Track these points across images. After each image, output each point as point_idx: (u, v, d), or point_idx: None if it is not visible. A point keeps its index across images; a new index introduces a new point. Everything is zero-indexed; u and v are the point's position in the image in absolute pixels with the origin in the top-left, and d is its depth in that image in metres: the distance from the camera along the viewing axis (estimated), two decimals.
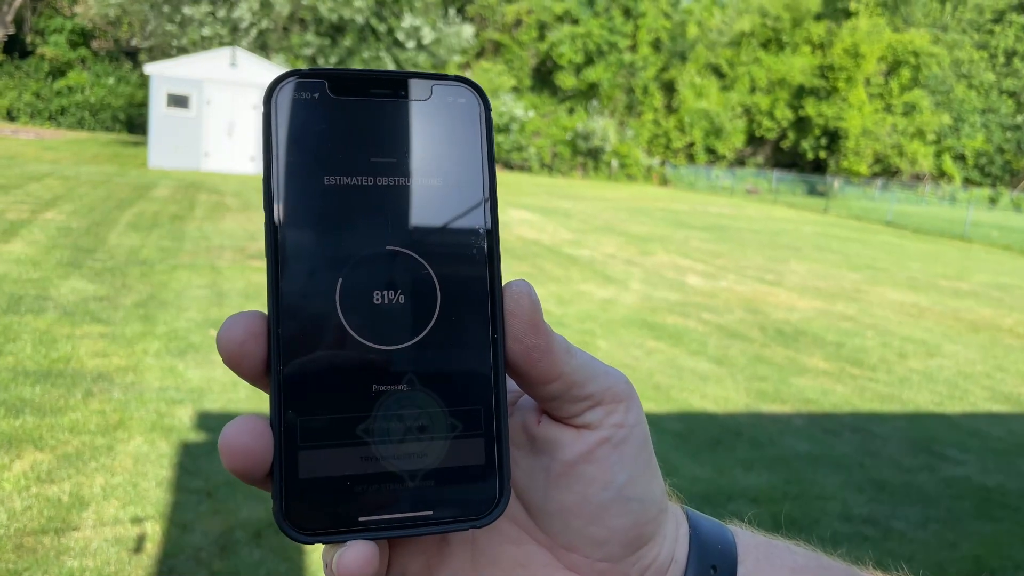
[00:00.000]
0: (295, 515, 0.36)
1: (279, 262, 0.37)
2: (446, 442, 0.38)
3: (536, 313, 0.39)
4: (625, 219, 17.03)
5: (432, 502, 0.38)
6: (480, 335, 0.39)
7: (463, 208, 0.40)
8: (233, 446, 0.35)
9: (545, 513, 0.42)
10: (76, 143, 24.13)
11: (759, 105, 43.05)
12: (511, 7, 38.81)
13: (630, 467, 0.42)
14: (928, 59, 44.51)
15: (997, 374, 6.59)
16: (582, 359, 0.41)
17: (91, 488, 3.24)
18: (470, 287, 0.39)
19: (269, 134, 0.37)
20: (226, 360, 0.37)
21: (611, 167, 36.92)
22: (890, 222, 23.85)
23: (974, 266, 14.60)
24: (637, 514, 0.42)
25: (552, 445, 0.42)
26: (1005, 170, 49.69)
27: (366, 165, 0.38)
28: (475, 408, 0.39)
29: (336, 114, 0.38)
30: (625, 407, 0.42)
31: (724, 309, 8.09)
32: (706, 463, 4.14)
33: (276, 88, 0.38)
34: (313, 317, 0.37)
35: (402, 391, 0.38)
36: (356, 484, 0.37)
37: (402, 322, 0.38)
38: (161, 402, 4.18)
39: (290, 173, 0.37)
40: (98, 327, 5.37)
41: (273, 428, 0.36)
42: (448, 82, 0.41)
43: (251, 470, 0.36)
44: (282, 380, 0.36)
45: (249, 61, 20.61)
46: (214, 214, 11.50)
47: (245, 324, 0.37)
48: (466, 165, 0.40)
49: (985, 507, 3.97)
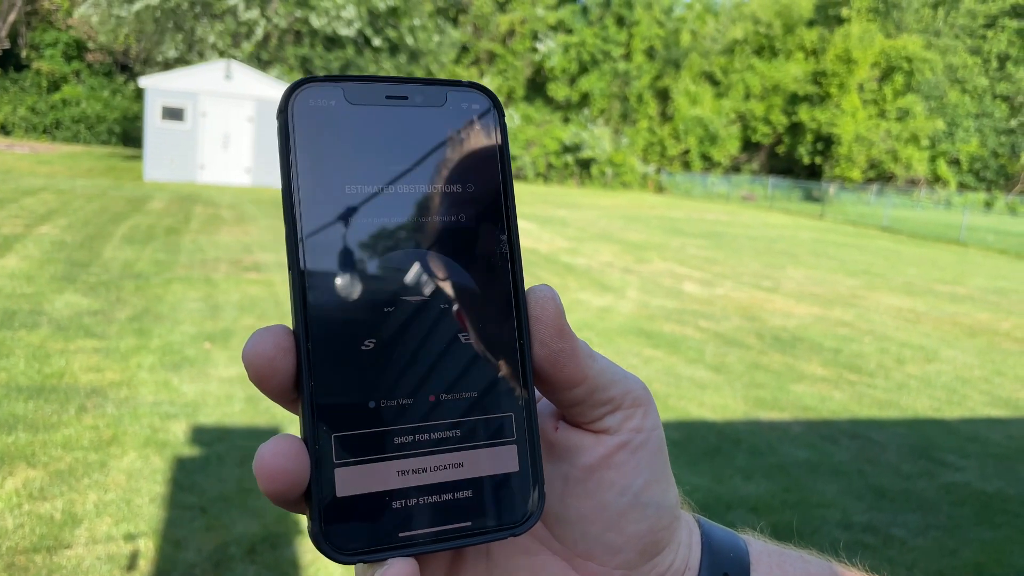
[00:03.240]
0: (335, 535, 0.35)
1: (304, 274, 0.36)
2: (480, 451, 0.38)
3: (561, 317, 0.40)
4: (621, 227, 17.04)
5: (469, 512, 0.38)
6: (507, 341, 0.39)
7: (483, 214, 0.40)
8: (272, 469, 0.34)
9: (562, 521, 0.42)
10: (71, 157, 24.12)
11: (753, 112, 43.22)
12: (504, 17, 38.94)
13: (647, 472, 0.42)
14: (921, 64, 44.71)
15: (995, 378, 6.57)
16: (603, 364, 0.41)
17: (84, 505, 3.21)
18: (495, 293, 0.39)
19: (287, 143, 0.37)
20: (254, 376, 0.36)
21: (605, 176, 37.00)
22: (886, 227, 23.89)
23: (970, 270, 14.62)
24: (653, 520, 0.42)
25: (571, 451, 0.42)
26: (1000, 174, 49.85)
27: (386, 172, 0.38)
28: (507, 415, 0.39)
29: (354, 121, 0.38)
30: (643, 412, 0.42)
31: (721, 316, 8.07)
32: (704, 472, 4.12)
33: (292, 95, 0.38)
34: (342, 329, 0.36)
35: (434, 401, 0.38)
36: (394, 499, 0.36)
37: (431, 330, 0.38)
38: (155, 417, 4.15)
39: (311, 183, 0.37)
40: (92, 342, 5.34)
41: (308, 446, 0.35)
42: (462, 88, 0.41)
43: (289, 491, 0.35)
44: (314, 396, 0.36)
45: (244, 73, 20.63)
46: (209, 227, 11.48)
47: (274, 339, 0.36)
48: (484, 170, 0.40)
49: (985, 513, 3.95)
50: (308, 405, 0.36)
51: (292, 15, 28.96)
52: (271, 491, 0.35)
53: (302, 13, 28.81)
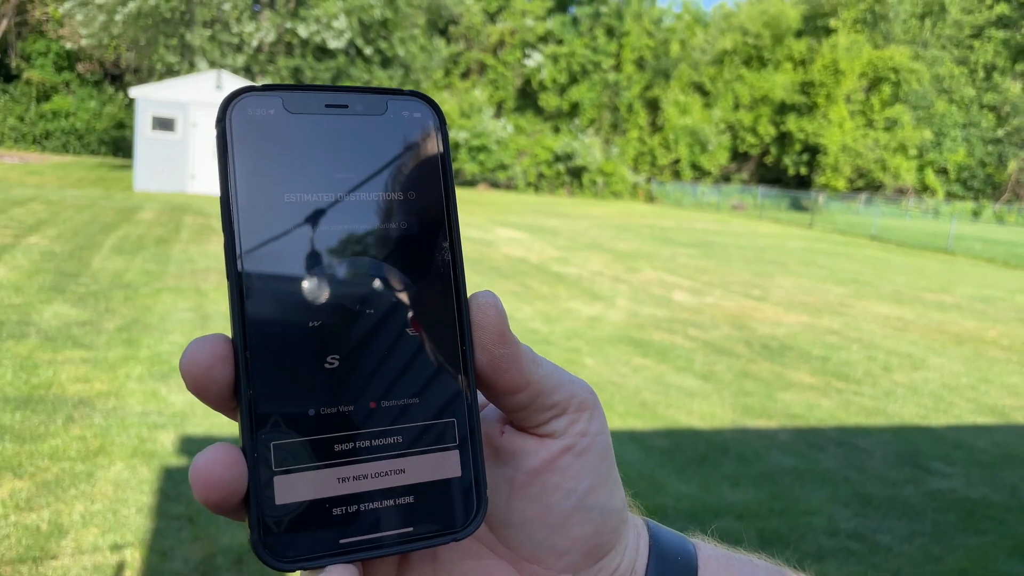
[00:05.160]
0: (274, 543, 0.35)
1: (242, 283, 0.36)
2: (422, 456, 0.38)
3: (503, 323, 0.39)
4: (612, 236, 17.08)
5: (411, 518, 0.37)
6: (449, 347, 0.39)
7: (425, 221, 0.39)
8: (207, 478, 0.34)
9: (507, 525, 0.42)
10: (61, 167, 24.05)
11: (742, 121, 43.45)
12: (495, 28, 39.08)
13: (592, 475, 0.42)
14: (908, 75, 45.06)
15: (981, 386, 6.62)
16: (548, 368, 0.41)
17: (70, 516, 3.20)
18: (437, 299, 0.39)
19: (225, 153, 0.37)
20: (191, 386, 0.36)
21: (596, 186, 37.11)
22: (875, 236, 24.01)
23: (958, 279, 14.71)
24: (598, 523, 0.42)
25: (516, 455, 0.42)
26: (987, 183, 50.19)
27: (326, 181, 0.38)
28: (449, 420, 0.39)
29: (293, 130, 0.38)
30: (589, 416, 0.42)
31: (710, 325, 8.10)
32: (692, 480, 4.13)
33: (230, 105, 0.37)
34: (280, 337, 0.36)
35: (375, 407, 0.37)
36: (334, 506, 0.36)
37: (372, 337, 0.38)
38: (143, 427, 4.15)
39: (249, 192, 0.37)
40: (80, 352, 5.33)
41: (246, 454, 0.35)
42: (402, 96, 0.41)
43: (226, 500, 0.34)
44: (252, 404, 0.35)
45: (235, 84, 20.63)
46: (200, 236, 11.46)
47: (212, 347, 0.35)
48: (425, 178, 0.40)
49: (971, 520, 3.97)
50: (246, 413, 0.35)
51: (282, 25, 29.00)
52: (207, 500, 0.34)
53: (291, 24, 28.86)
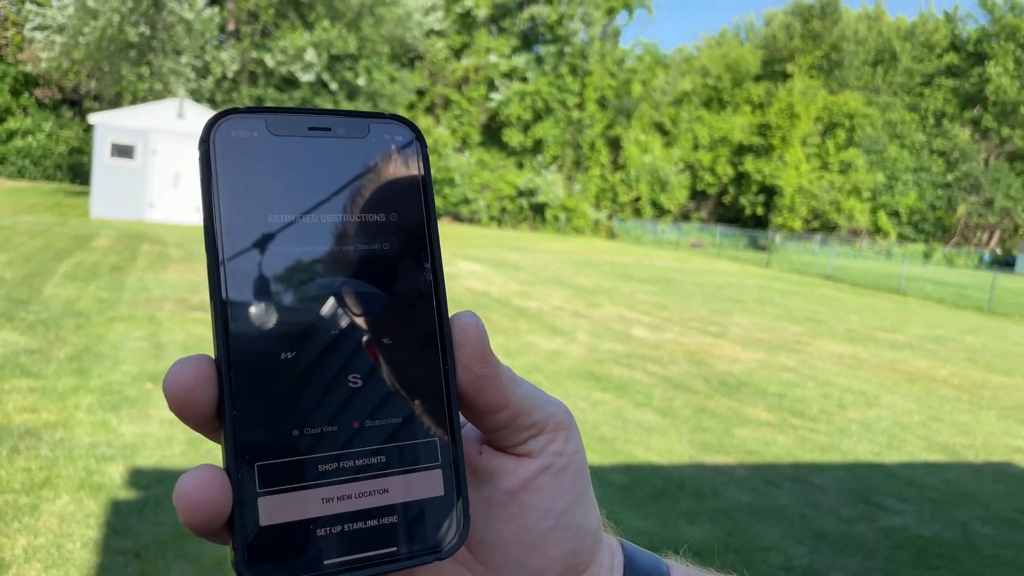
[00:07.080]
0: (258, 565, 0.35)
1: (226, 304, 0.36)
2: (405, 476, 0.38)
3: (484, 343, 0.40)
4: (573, 271, 17.19)
5: (394, 537, 0.37)
6: (431, 367, 0.39)
7: (407, 243, 0.40)
8: (193, 500, 0.34)
9: (485, 545, 0.42)
10: (15, 192, 23.56)
11: (701, 161, 44.29)
12: (460, 64, 39.44)
13: (569, 495, 0.42)
14: (862, 120, 46.47)
15: (933, 424, 6.74)
16: (527, 388, 0.42)
17: (12, 550, 3.09)
18: (419, 320, 0.39)
19: (209, 173, 0.37)
20: (174, 407, 0.35)
21: (558, 221, 37.39)
22: (829, 276, 24.49)
23: (909, 319, 15.04)
24: (575, 543, 0.42)
25: (494, 475, 0.42)
26: (937, 226, 51.68)
27: (309, 203, 0.38)
28: (431, 440, 0.39)
29: (277, 152, 0.38)
30: (566, 435, 0.43)
31: (669, 361, 8.17)
32: (650, 516, 4.13)
33: (214, 126, 0.38)
34: (264, 358, 0.36)
35: (358, 428, 0.37)
36: (318, 527, 0.36)
37: (354, 358, 0.38)
38: (91, 459, 4.04)
39: (233, 213, 0.37)
40: (28, 381, 5.18)
41: (230, 476, 0.35)
42: (384, 120, 0.41)
43: (210, 522, 0.34)
44: (236, 425, 0.35)
45: (197, 112, 20.50)
46: (156, 265, 11.28)
47: (195, 368, 0.35)
48: (407, 200, 0.40)
49: (922, 557, 4.03)
50: (230, 435, 0.35)
51: (247, 56, 28.96)
52: (192, 523, 0.34)
53: (257, 54, 28.84)
